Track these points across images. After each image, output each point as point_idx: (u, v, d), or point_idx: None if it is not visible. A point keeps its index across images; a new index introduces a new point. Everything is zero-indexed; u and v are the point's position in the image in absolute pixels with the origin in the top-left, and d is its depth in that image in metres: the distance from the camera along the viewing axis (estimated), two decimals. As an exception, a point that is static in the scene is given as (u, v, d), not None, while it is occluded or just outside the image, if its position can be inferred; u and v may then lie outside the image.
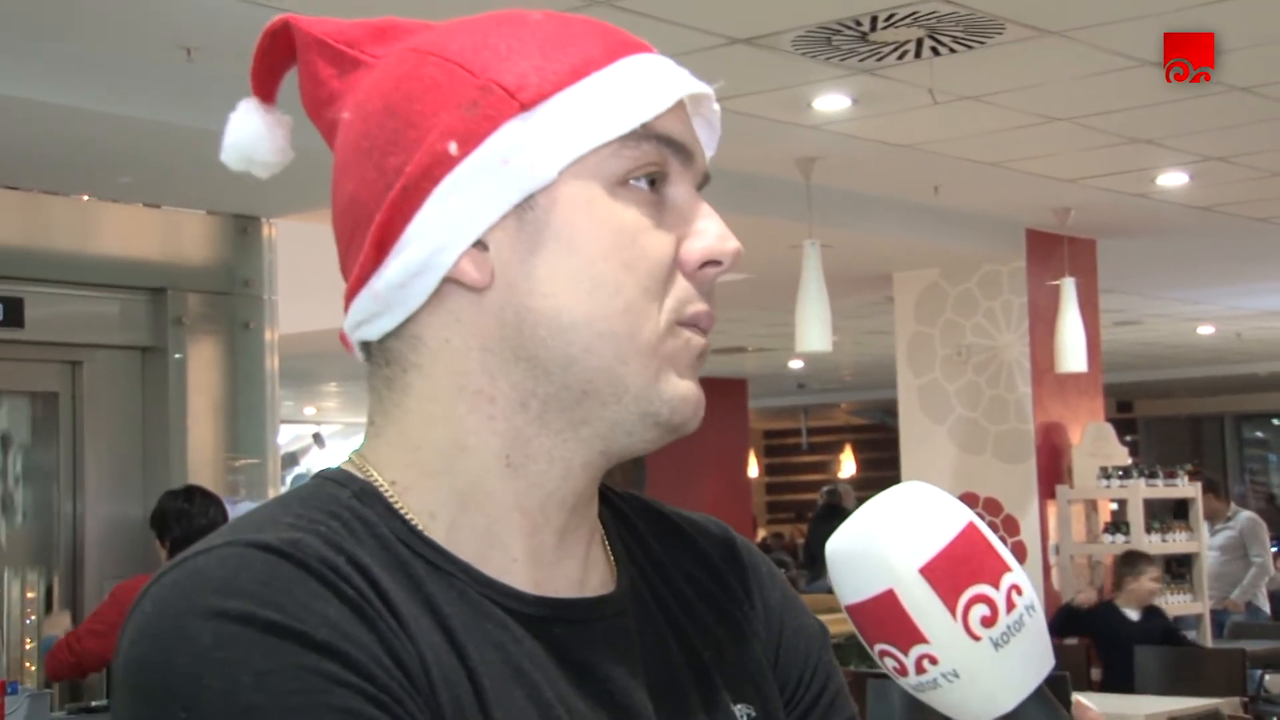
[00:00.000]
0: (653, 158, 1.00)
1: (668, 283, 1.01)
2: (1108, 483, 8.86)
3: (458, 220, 0.98)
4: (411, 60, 1.01)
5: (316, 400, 18.49)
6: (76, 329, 6.25)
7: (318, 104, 1.07)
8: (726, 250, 1.03)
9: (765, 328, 12.30)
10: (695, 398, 1.02)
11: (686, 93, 1.03)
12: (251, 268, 6.60)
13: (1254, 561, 10.77)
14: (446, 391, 1.00)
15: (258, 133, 1.08)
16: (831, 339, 7.31)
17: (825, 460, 21.28)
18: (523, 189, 0.98)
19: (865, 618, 0.96)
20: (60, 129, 5.39)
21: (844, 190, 7.68)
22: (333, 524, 0.95)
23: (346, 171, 1.02)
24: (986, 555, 0.95)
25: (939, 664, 0.94)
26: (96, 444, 6.25)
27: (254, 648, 0.87)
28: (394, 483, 1.01)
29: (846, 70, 5.71)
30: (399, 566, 0.96)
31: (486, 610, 0.98)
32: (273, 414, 6.65)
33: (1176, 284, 11.46)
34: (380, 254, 0.99)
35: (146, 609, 0.91)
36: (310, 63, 1.07)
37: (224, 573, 0.89)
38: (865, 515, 0.97)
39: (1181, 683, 7.56)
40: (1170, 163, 7.46)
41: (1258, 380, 18.63)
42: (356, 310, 1.02)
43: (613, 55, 1.01)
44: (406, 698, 0.90)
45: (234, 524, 0.96)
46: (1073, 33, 5.37)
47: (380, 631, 0.91)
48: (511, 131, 0.97)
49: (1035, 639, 0.96)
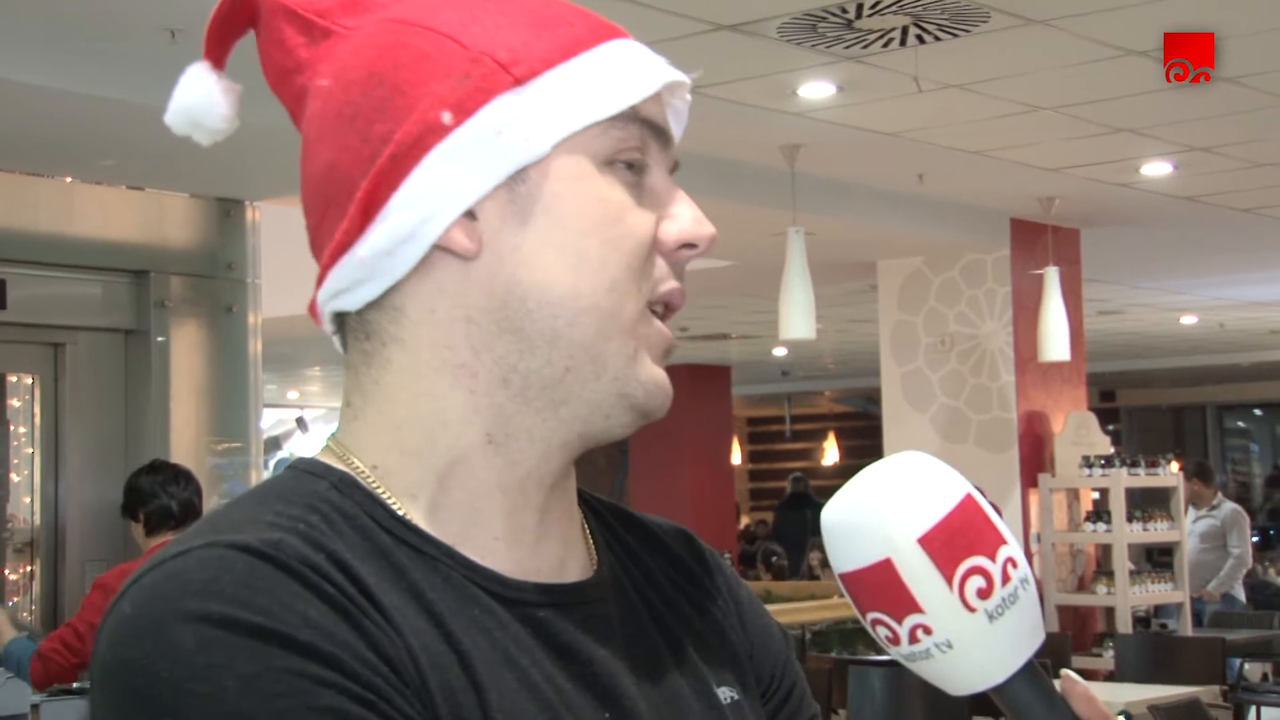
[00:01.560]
0: (636, 140, 1.01)
1: (647, 263, 1.01)
2: (1090, 472, 8.89)
3: (449, 189, 0.98)
4: (396, 30, 1.01)
5: (300, 384, 18.46)
6: (59, 311, 6.24)
7: (284, 72, 1.06)
8: (703, 234, 1.03)
9: (749, 315, 12.31)
10: (666, 384, 1.03)
11: (670, 79, 1.04)
12: (235, 251, 6.59)
13: (1232, 552, 10.81)
14: (429, 365, 1.00)
15: (208, 98, 1.07)
16: (815, 326, 7.31)
17: (809, 448, 21.30)
18: (516, 161, 0.98)
19: (860, 586, 0.96)
20: (43, 111, 5.37)
21: (828, 178, 7.68)
22: (312, 519, 0.95)
23: (324, 139, 1.01)
24: (984, 527, 0.96)
25: (933, 634, 0.95)
26: (78, 426, 6.24)
27: (237, 651, 0.86)
28: (375, 467, 1.00)
29: (831, 57, 5.71)
30: (381, 556, 0.95)
31: (471, 594, 0.97)
32: (255, 398, 6.64)
33: (1160, 274, 11.48)
34: (365, 221, 0.98)
35: (126, 610, 0.90)
36: (277, 30, 1.06)
37: (204, 575, 0.89)
38: (863, 483, 0.97)
39: (1161, 671, 7.60)
40: (1154, 153, 7.48)
41: (1240, 370, 18.70)
42: (336, 279, 1.01)
43: (597, 38, 1.02)
44: (394, 693, 0.89)
45: (212, 521, 0.95)
46: (1058, 22, 5.38)
47: (364, 629, 0.90)
48: (505, 104, 0.98)
49: (1028, 613, 0.96)
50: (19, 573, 6.24)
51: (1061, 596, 8.92)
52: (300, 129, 1.05)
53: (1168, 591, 9.12)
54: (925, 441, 9.07)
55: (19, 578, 6.25)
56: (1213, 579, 10.70)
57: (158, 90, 1.09)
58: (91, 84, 5.14)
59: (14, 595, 6.28)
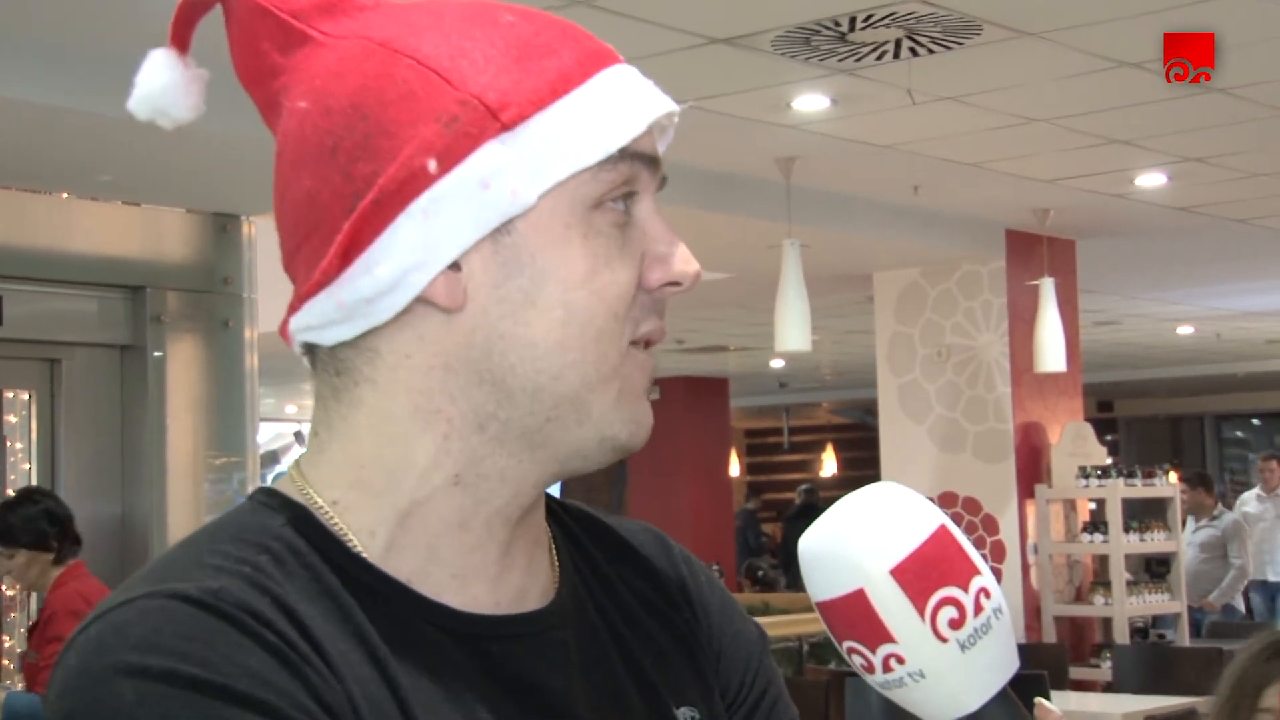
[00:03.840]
0: (626, 176, 0.99)
1: (632, 307, 1.00)
2: (1086, 482, 8.89)
3: (434, 241, 0.96)
4: (380, 57, 0.98)
5: (297, 398, 18.45)
6: (55, 327, 6.24)
7: (257, 75, 1.04)
8: (688, 273, 1.02)
9: (746, 327, 12.31)
10: (648, 420, 1.03)
11: (661, 113, 1.02)
12: (231, 266, 6.60)
13: (1233, 563, 10.81)
14: (402, 409, 0.99)
15: (173, 85, 1.05)
16: (811, 338, 7.32)
17: (807, 459, 21.29)
18: (502, 214, 0.96)
19: (835, 615, 0.98)
20: (40, 126, 5.38)
21: (823, 190, 7.69)
22: (261, 559, 0.95)
23: (303, 166, 0.99)
24: (957, 558, 0.96)
25: (906, 664, 0.96)
26: (74, 442, 6.24)
27: (176, 704, 0.87)
28: (335, 503, 1.00)
29: (825, 70, 5.73)
30: (329, 597, 0.95)
31: (421, 632, 0.97)
32: (252, 412, 6.64)
33: (1156, 284, 11.50)
34: (344, 263, 0.97)
35: (71, 662, 0.91)
36: (250, 30, 1.03)
37: (144, 628, 0.90)
38: (838, 514, 0.98)
39: (1159, 682, 7.59)
40: (1149, 163, 7.49)
41: (1237, 380, 18.70)
42: (311, 314, 1.00)
43: (587, 69, 0.99)
44: None
45: (158, 567, 0.96)
46: (1051, 34, 5.39)
47: (305, 677, 0.90)
48: (492, 153, 0.95)
49: (1002, 642, 0.97)
50: (15, 588, 6.24)
51: (1058, 607, 8.92)
52: (273, 131, 1.03)
53: (1165, 602, 9.12)
54: (922, 452, 9.08)
55: (16, 593, 6.25)
56: (1213, 589, 10.71)
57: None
58: (88, 100, 5.15)
59: (10, 611, 6.28)
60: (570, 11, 4.76)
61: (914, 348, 9.21)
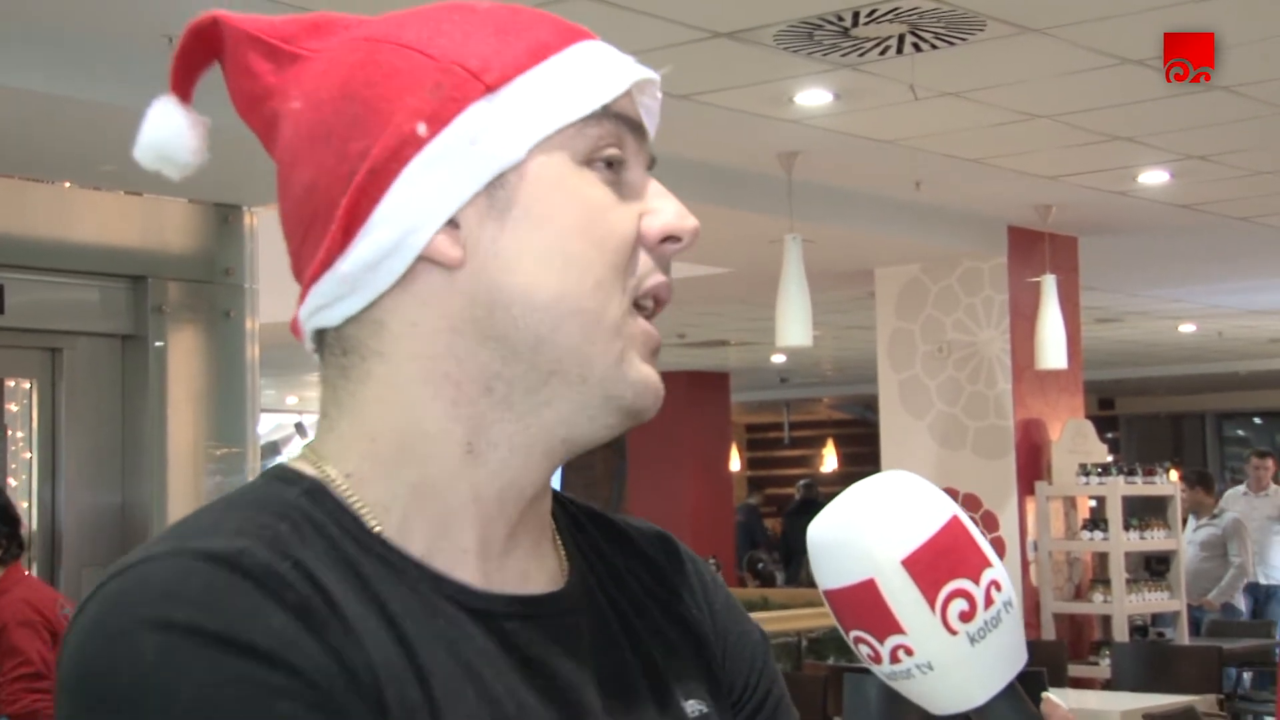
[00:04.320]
0: (613, 137, 1.01)
1: (631, 259, 1.01)
2: (1087, 480, 8.89)
3: (429, 200, 0.98)
4: (365, 48, 1.01)
5: (298, 389, 18.45)
6: (57, 316, 6.23)
7: (252, 99, 1.06)
8: (686, 227, 1.03)
9: (747, 322, 12.31)
10: (656, 383, 1.03)
11: (641, 76, 1.04)
12: (233, 256, 6.59)
13: (1232, 562, 10.81)
14: (410, 377, 1.00)
15: (176, 131, 1.07)
16: (812, 334, 7.32)
17: (807, 454, 21.28)
18: (493, 168, 0.98)
19: (843, 604, 0.97)
20: (42, 116, 5.38)
21: (825, 185, 7.69)
22: (280, 527, 0.95)
23: (300, 161, 1.01)
24: (968, 549, 0.96)
25: (914, 655, 0.95)
26: (75, 431, 6.24)
27: (197, 659, 0.87)
28: (349, 475, 1.00)
29: (828, 65, 5.72)
30: (347, 565, 0.95)
31: (436, 606, 0.97)
32: (253, 403, 6.64)
33: (1158, 282, 11.49)
34: (347, 238, 0.98)
35: (91, 616, 0.91)
36: (243, 58, 1.06)
37: (167, 582, 0.89)
38: (849, 502, 0.97)
39: (1157, 680, 7.60)
40: (1151, 161, 7.48)
41: (1238, 378, 18.69)
42: (317, 295, 1.01)
43: (565, 40, 1.02)
44: (351, 703, 0.90)
45: (179, 528, 0.96)
46: (1054, 30, 5.39)
47: (325, 638, 0.90)
48: (478, 112, 0.98)
49: (1011, 635, 0.97)
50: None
51: (1058, 605, 8.92)
52: (274, 155, 1.05)
53: (1164, 600, 9.13)
54: (923, 448, 9.08)
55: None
56: (1213, 588, 10.70)
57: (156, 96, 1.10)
58: (91, 90, 5.15)
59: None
60: (573, 4, 4.76)
61: (915, 344, 9.21)
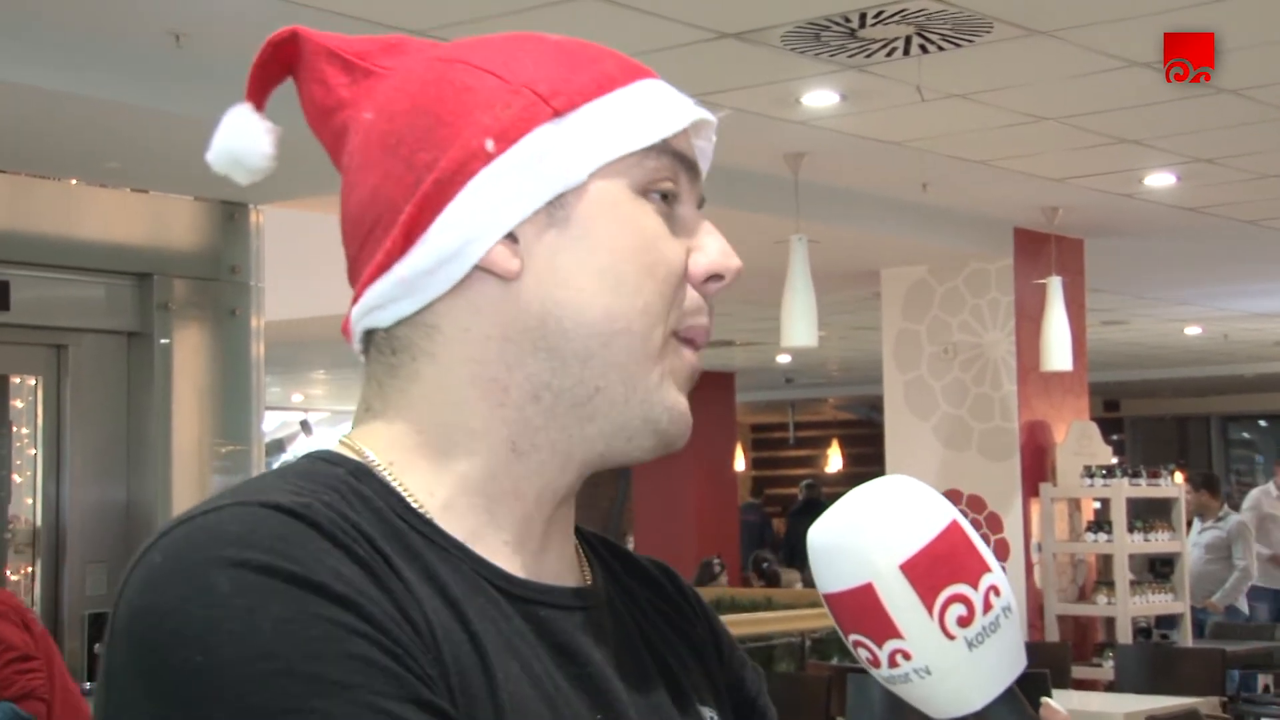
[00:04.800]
0: (669, 172, 1.05)
1: (679, 290, 1.05)
2: (1091, 482, 8.88)
3: (491, 212, 1.01)
4: (439, 67, 1.06)
5: (304, 387, 18.47)
6: (62, 313, 6.24)
7: (325, 111, 1.10)
8: (730, 266, 1.07)
9: (753, 322, 12.30)
10: (688, 414, 1.07)
11: (699, 117, 1.08)
12: (238, 254, 6.60)
13: (1237, 564, 10.80)
14: (459, 379, 1.03)
15: (251, 138, 1.10)
16: (817, 334, 7.32)
17: (812, 455, 21.29)
18: (555, 187, 1.02)
19: (842, 608, 0.97)
20: (49, 113, 5.39)
21: (832, 186, 7.69)
22: (331, 496, 0.97)
23: (368, 168, 1.05)
24: (967, 555, 0.96)
25: (912, 659, 0.95)
26: (80, 428, 6.25)
27: (274, 595, 0.88)
28: (392, 462, 1.03)
29: (835, 66, 5.72)
30: (396, 537, 0.98)
31: (479, 585, 1.00)
32: (258, 400, 6.65)
33: (1164, 284, 11.48)
34: (407, 243, 1.02)
35: (156, 560, 0.91)
36: (319, 70, 1.10)
37: (239, 528, 0.91)
38: (849, 506, 0.97)
39: (1161, 682, 7.60)
40: (1158, 163, 7.48)
41: (1244, 381, 18.68)
42: (373, 296, 1.04)
43: (629, 76, 1.07)
44: (418, 652, 0.92)
45: (235, 489, 0.98)
46: (1061, 32, 5.38)
47: (391, 590, 0.93)
48: (545, 134, 1.02)
49: (1009, 640, 0.97)
50: (21, 573, 6.25)
51: (1062, 606, 8.91)
52: (339, 164, 1.09)
53: (1168, 602, 9.12)
54: (927, 449, 9.08)
55: (20, 578, 6.26)
56: (1217, 590, 10.70)
57: (163, 93, 1.11)
58: (97, 87, 5.15)
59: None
60: (582, 5, 4.76)
61: (921, 345, 9.20)
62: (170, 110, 5.20)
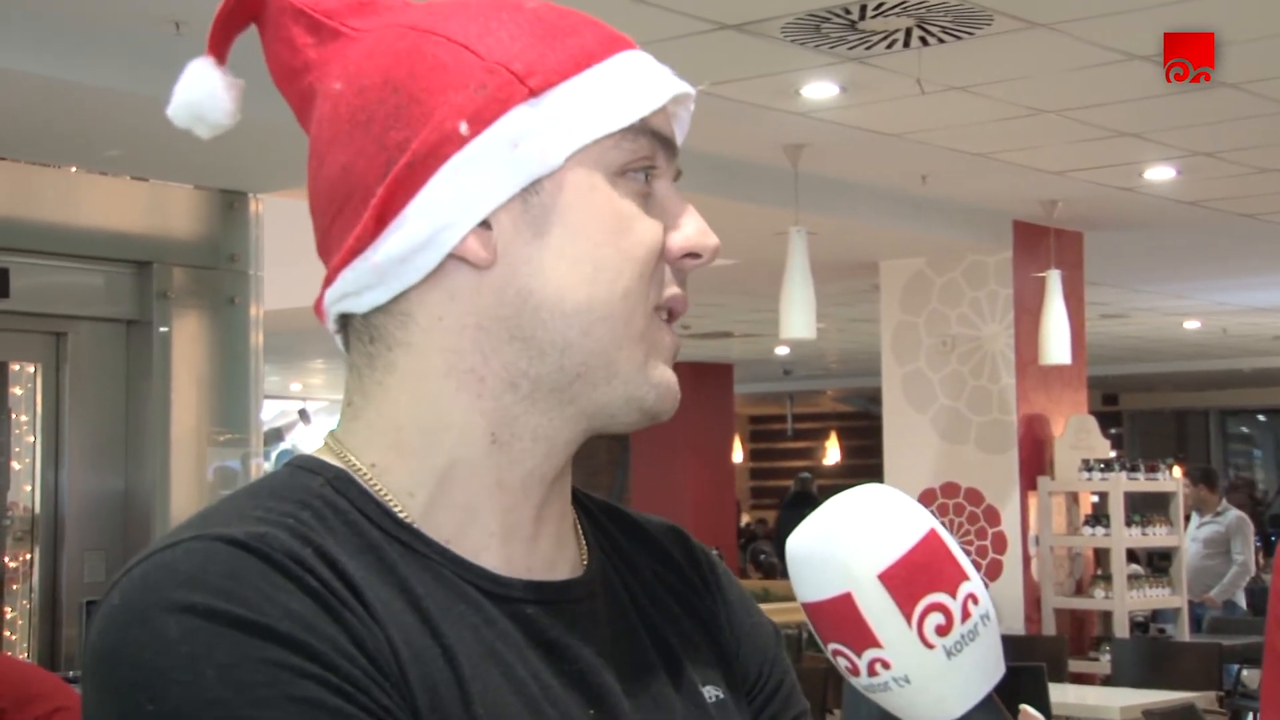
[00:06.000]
0: (647, 151, 1.03)
1: (657, 269, 1.03)
2: (1089, 475, 8.89)
3: (466, 199, 0.99)
4: (411, 37, 1.02)
5: (302, 376, 18.46)
6: (61, 300, 6.25)
7: (291, 72, 1.07)
8: (707, 244, 1.06)
9: (751, 313, 12.30)
10: (675, 387, 1.05)
11: (678, 91, 1.06)
12: (238, 243, 6.60)
13: (1235, 559, 10.81)
14: (435, 370, 1.01)
15: (211, 92, 1.08)
16: (815, 326, 7.32)
17: (810, 446, 21.30)
18: (531, 173, 1.00)
19: (821, 617, 0.98)
20: (49, 101, 5.38)
21: (831, 178, 7.69)
22: (303, 515, 0.96)
23: (337, 143, 1.02)
24: (945, 563, 0.97)
25: (891, 668, 0.96)
26: (79, 415, 6.25)
27: (218, 641, 0.88)
28: (373, 465, 1.02)
29: (835, 58, 5.72)
30: (371, 551, 0.97)
31: (460, 591, 0.99)
32: (256, 389, 6.65)
33: (1163, 278, 11.48)
34: (379, 227, 1.00)
35: (115, 601, 0.92)
36: (284, 28, 1.07)
37: (189, 567, 0.91)
38: (827, 515, 0.98)
39: (1157, 676, 7.61)
40: (1158, 157, 7.48)
41: (1243, 375, 18.68)
42: (346, 282, 1.03)
43: (608, 50, 1.04)
44: (372, 685, 0.91)
45: (203, 516, 0.97)
46: (1062, 25, 5.38)
47: (345, 621, 0.92)
48: (520, 116, 0.99)
49: (988, 648, 0.97)
50: (19, 560, 6.26)
51: (1059, 600, 8.92)
52: (308, 129, 1.06)
53: (1166, 596, 9.13)
54: (925, 442, 9.08)
55: (19, 565, 6.27)
56: (1215, 585, 10.70)
57: (163, 81, 1.11)
58: (97, 75, 5.15)
59: (13, 583, 6.30)
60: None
61: (919, 337, 9.20)
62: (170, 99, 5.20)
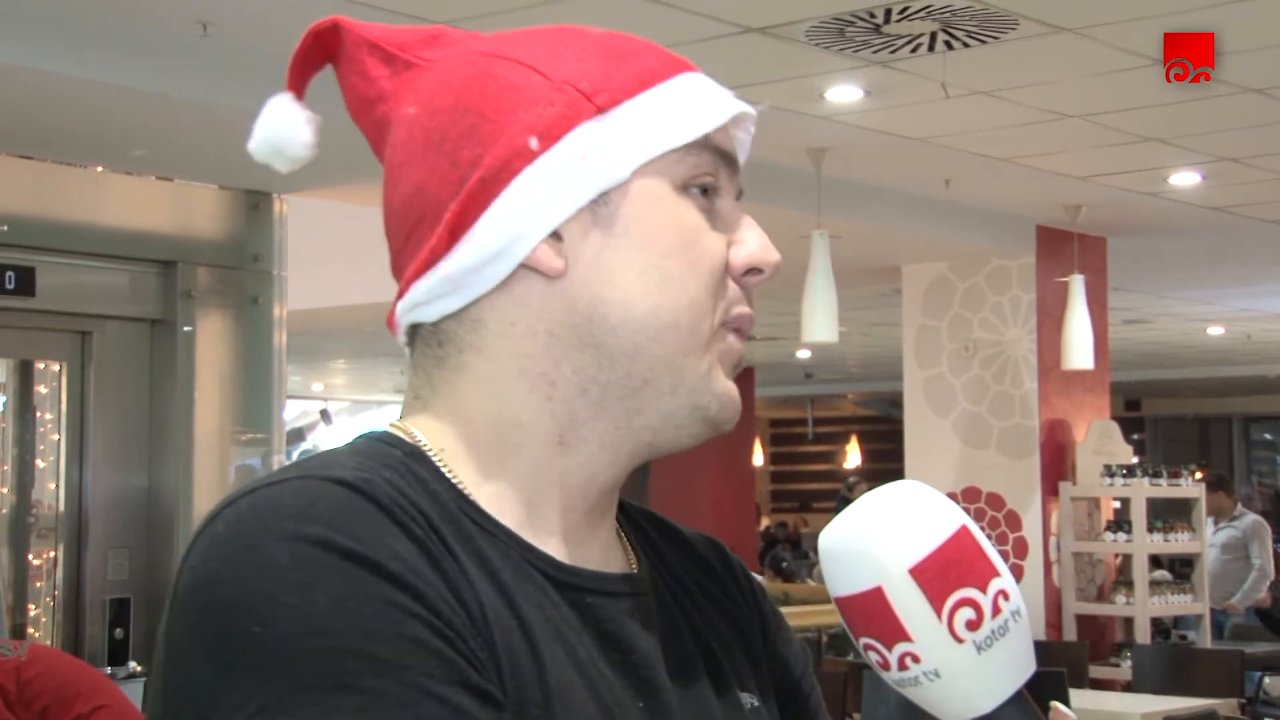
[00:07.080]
0: (709, 167, 1.06)
1: (722, 282, 1.06)
2: (1111, 481, 8.86)
3: (536, 211, 1.02)
4: (481, 62, 1.06)
5: (324, 376, 18.51)
6: (86, 299, 6.27)
7: (366, 102, 1.11)
8: (769, 260, 1.09)
9: (773, 316, 12.30)
10: (737, 398, 1.08)
11: (739, 110, 1.09)
12: (262, 243, 6.61)
13: (1254, 564, 10.77)
14: (507, 372, 1.04)
15: (291, 127, 1.11)
16: (838, 330, 7.31)
17: (831, 450, 21.28)
18: (598, 185, 1.03)
19: (852, 612, 0.99)
20: (75, 100, 5.41)
21: (854, 181, 7.68)
22: (390, 473, 0.98)
23: (411, 164, 1.06)
24: (976, 559, 0.97)
25: (921, 663, 0.97)
26: (103, 414, 6.28)
27: (331, 571, 0.89)
28: (442, 450, 1.04)
29: (859, 62, 5.72)
30: (450, 521, 0.99)
31: (526, 572, 1.01)
32: (279, 389, 6.67)
33: (1187, 284, 11.44)
34: (452, 240, 1.03)
35: (219, 530, 0.93)
36: (360, 61, 1.11)
37: (300, 501, 0.92)
38: (859, 511, 0.99)
39: (1178, 682, 7.58)
40: (1182, 162, 7.46)
41: (1267, 382, 18.61)
42: (419, 292, 1.06)
43: (670, 70, 1.08)
44: (469, 635, 0.93)
45: (300, 463, 0.99)
46: (1087, 30, 5.37)
47: (445, 571, 0.94)
48: (588, 132, 1.03)
49: (1018, 644, 0.98)
50: (43, 558, 6.28)
51: (1080, 605, 8.90)
52: (382, 157, 1.10)
53: (1187, 603, 9.09)
54: (947, 447, 9.07)
55: (42, 563, 6.30)
56: (1235, 589, 10.67)
57: (190, 82, 1.12)
58: (124, 75, 5.17)
59: (37, 580, 6.33)
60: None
61: (941, 341, 9.19)
62: (197, 99, 5.22)
